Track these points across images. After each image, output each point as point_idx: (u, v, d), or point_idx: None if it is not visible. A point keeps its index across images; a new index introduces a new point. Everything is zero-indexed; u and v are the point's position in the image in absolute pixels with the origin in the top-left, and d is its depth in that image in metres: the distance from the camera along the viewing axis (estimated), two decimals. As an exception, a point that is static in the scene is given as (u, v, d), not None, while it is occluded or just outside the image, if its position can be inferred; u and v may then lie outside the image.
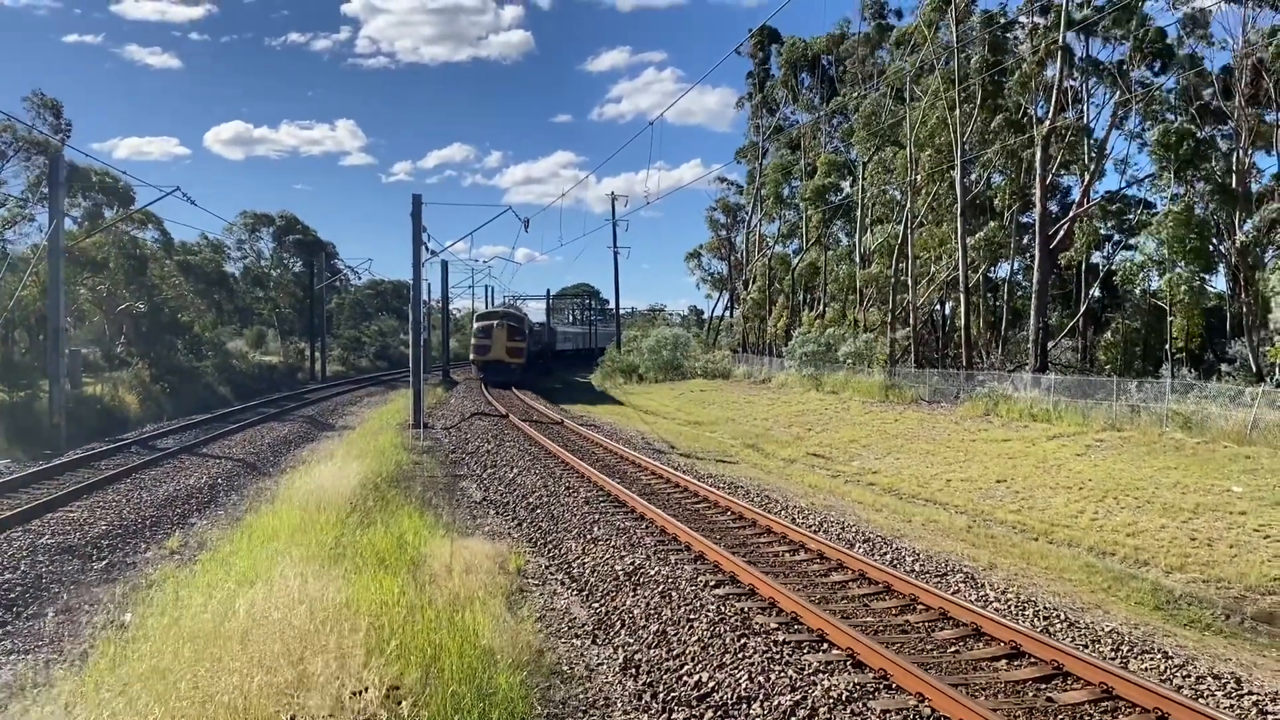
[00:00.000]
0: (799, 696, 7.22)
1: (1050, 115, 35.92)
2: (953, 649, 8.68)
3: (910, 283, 40.83)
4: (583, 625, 9.66)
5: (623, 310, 78.75)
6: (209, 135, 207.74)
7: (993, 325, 44.16)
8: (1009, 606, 10.29)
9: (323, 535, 10.91)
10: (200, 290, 50.17)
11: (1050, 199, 39.78)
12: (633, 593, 10.27)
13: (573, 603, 10.49)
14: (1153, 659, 8.68)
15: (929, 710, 7.02)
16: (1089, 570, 13.16)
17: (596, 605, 10.22)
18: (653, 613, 9.52)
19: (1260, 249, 34.57)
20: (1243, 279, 34.78)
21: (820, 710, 7.02)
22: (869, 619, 9.48)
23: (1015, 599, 10.61)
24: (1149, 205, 38.10)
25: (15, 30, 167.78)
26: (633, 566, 11.17)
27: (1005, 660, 8.35)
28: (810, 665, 7.89)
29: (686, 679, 7.85)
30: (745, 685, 7.50)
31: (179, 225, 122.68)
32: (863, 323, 44.16)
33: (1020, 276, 44.27)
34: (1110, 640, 9.17)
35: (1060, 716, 7.16)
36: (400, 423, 27.99)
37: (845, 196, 48.95)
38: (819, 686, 7.36)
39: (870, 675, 7.72)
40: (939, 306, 46.21)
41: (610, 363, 58.74)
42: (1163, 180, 34.58)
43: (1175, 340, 32.66)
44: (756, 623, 9.00)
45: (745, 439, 28.29)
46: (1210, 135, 36.46)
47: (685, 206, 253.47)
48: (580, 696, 7.76)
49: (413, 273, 28.53)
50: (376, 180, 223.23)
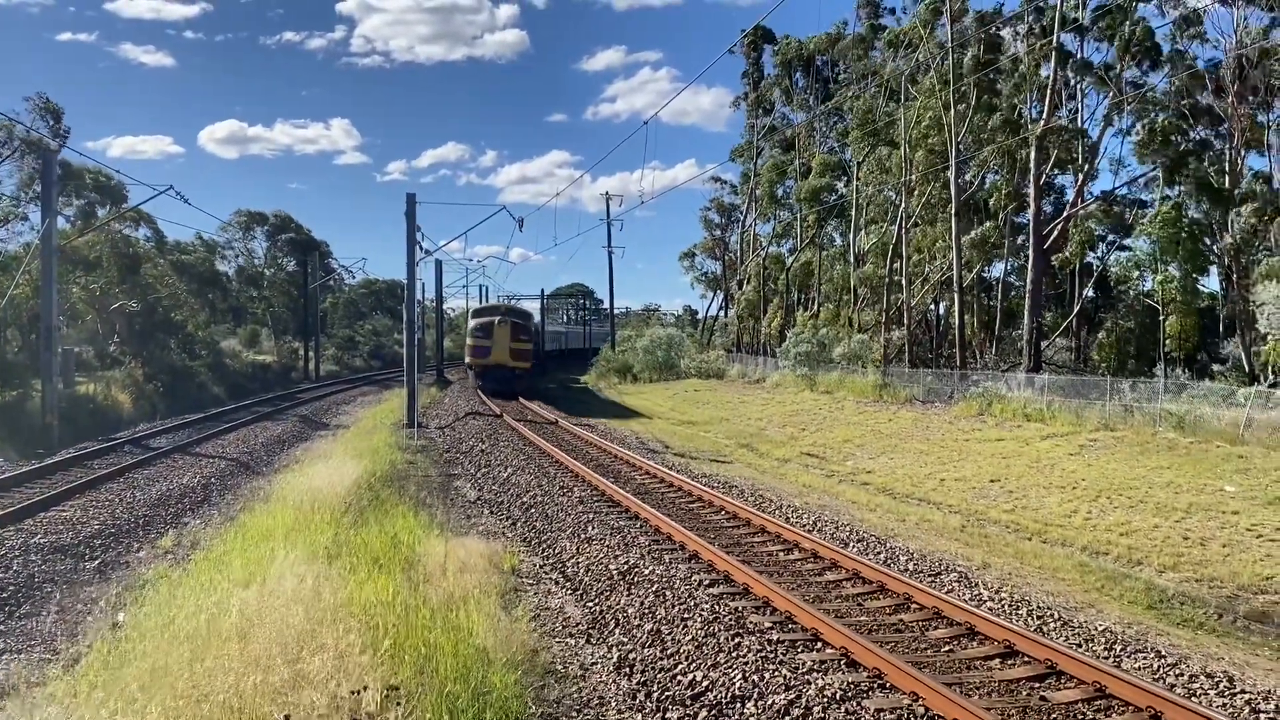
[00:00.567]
0: (793, 695, 7.23)
1: (1044, 116, 36.02)
2: (946, 648, 8.70)
3: (905, 283, 40.92)
4: (577, 624, 9.65)
5: (617, 310, 78.75)
6: (203, 134, 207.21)
7: (987, 325, 44.22)
8: (1003, 606, 10.31)
9: (317, 535, 10.89)
10: (194, 289, 49.99)
11: (1044, 199, 39.89)
12: (627, 592, 10.27)
13: (567, 602, 10.49)
14: (1146, 658, 8.71)
15: (923, 709, 7.04)
16: (1082, 569, 13.19)
17: (591, 604, 10.22)
18: (647, 612, 9.52)
19: (1248, 252, 34.67)
20: (1235, 279, 34.91)
21: (814, 709, 7.02)
22: (863, 618, 9.50)
23: (1009, 598, 10.64)
24: (1143, 205, 38.24)
25: (8, 28, 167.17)
26: (627, 566, 11.17)
27: (999, 659, 8.37)
28: (804, 664, 7.90)
29: (681, 678, 7.85)
30: (739, 684, 7.51)
31: (173, 224, 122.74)
32: (857, 323, 44.22)
33: (1014, 277, 44.34)
34: (1103, 639, 9.20)
35: (1054, 715, 7.18)
36: (394, 422, 27.94)
37: (840, 197, 49.01)
38: (813, 685, 7.37)
39: (864, 674, 7.74)
40: (933, 306, 46.30)
41: (605, 363, 58.68)
42: (1159, 179, 34.70)
43: (1169, 340, 32.77)
44: (751, 622, 9.01)
45: (740, 439, 28.30)
46: (1204, 137, 36.60)
47: (680, 206, 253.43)
48: (574, 696, 7.76)
49: (407, 272, 28.46)
50: (371, 179, 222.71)
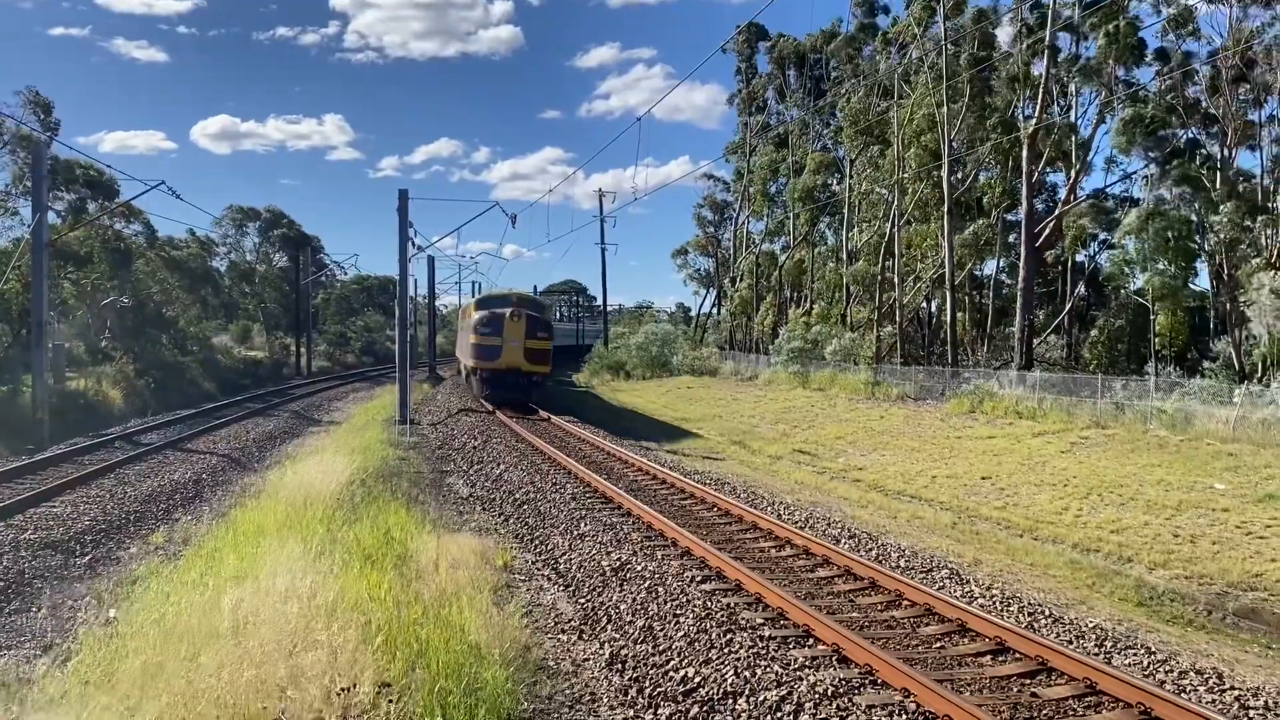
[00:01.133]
0: (785, 691, 7.24)
1: (1037, 113, 36.09)
2: (938, 644, 8.73)
3: (897, 280, 40.97)
4: (569, 620, 9.66)
5: (610, 307, 78.71)
6: (195, 129, 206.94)
7: (979, 323, 44.34)
8: (994, 602, 10.35)
9: (309, 531, 10.87)
10: (185, 285, 49.82)
11: (1037, 197, 40.00)
12: (619, 588, 10.27)
13: (559, 598, 10.49)
14: (1136, 654, 8.75)
15: (914, 705, 7.06)
16: (1073, 566, 13.26)
17: (583, 601, 10.22)
18: (639, 608, 9.53)
19: (1236, 250, 34.80)
20: (1225, 277, 35.04)
21: (806, 705, 7.04)
22: (855, 614, 9.52)
23: (1000, 595, 10.68)
24: (1136, 203, 38.34)
25: (0, 23, 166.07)
26: (619, 562, 11.17)
27: (990, 656, 8.40)
28: (796, 660, 7.91)
29: (673, 674, 7.86)
30: (731, 680, 7.52)
31: (165, 220, 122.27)
32: (849, 320, 44.28)
33: (1006, 274, 44.47)
34: (1094, 636, 9.25)
35: (1045, 711, 7.21)
36: (386, 418, 27.88)
37: (833, 195, 49.04)
38: (805, 682, 7.38)
39: (856, 670, 7.75)
40: (925, 304, 46.35)
41: (598, 360, 58.71)
42: (1150, 177, 34.80)
43: (1159, 338, 32.89)
44: (742, 618, 9.03)
45: (732, 436, 28.34)
46: (1196, 136, 36.74)
47: (673, 203, 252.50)
48: (566, 691, 7.76)
49: (399, 268, 28.36)
50: (364, 175, 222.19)
